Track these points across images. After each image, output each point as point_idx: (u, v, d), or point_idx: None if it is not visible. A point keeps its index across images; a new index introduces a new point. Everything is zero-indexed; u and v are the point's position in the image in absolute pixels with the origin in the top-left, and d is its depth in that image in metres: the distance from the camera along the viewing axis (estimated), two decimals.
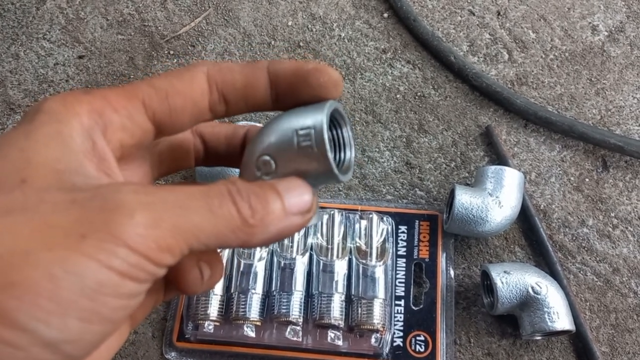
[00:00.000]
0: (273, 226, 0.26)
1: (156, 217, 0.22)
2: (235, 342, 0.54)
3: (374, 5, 0.73)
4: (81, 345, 0.22)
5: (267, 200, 0.26)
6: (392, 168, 0.63)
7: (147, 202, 0.23)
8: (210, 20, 0.73)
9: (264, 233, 0.26)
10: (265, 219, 0.26)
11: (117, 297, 0.22)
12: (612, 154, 0.62)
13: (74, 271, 0.20)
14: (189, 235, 0.24)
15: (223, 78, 0.29)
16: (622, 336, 0.55)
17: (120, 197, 0.22)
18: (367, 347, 0.53)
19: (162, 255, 0.23)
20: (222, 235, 0.25)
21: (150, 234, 0.22)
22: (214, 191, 0.25)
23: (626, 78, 0.67)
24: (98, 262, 0.21)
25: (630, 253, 0.58)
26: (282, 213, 0.27)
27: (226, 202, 0.25)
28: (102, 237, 0.21)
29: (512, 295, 0.51)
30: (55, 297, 0.20)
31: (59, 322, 0.20)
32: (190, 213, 0.24)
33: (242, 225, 0.25)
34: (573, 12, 0.71)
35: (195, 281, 0.30)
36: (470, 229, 0.55)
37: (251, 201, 0.26)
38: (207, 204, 0.24)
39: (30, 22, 0.74)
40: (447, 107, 0.66)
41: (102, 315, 0.22)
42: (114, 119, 0.27)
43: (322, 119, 0.28)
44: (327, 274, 0.55)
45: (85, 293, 0.21)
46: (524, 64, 0.68)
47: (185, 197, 0.24)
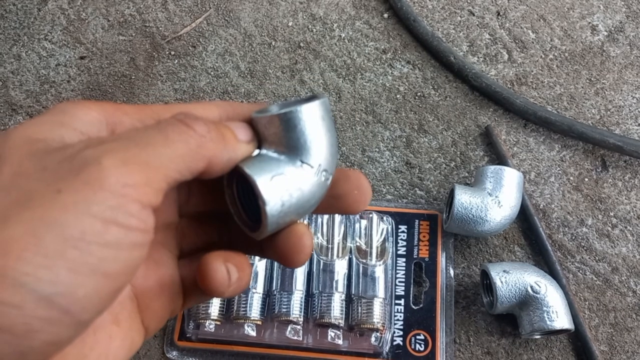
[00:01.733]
0: (230, 145, 0.28)
1: (122, 157, 0.23)
2: (236, 341, 0.55)
3: (374, 6, 0.73)
4: (75, 299, 0.21)
5: (218, 125, 0.29)
6: (392, 168, 0.63)
7: (110, 148, 0.24)
8: (211, 20, 0.73)
9: (223, 151, 0.28)
10: (220, 136, 0.28)
11: (104, 245, 0.22)
12: (612, 153, 0.63)
13: (55, 223, 0.21)
14: (158, 165, 0.24)
15: (233, 110, 0.32)
16: (621, 335, 0.55)
17: (85, 152, 0.23)
18: (367, 346, 0.54)
19: (140, 190, 0.23)
20: (186, 157, 0.26)
21: (121, 172, 0.23)
22: (165, 122, 0.27)
23: (625, 78, 0.67)
24: (77, 211, 0.21)
25: (629, 252, 0.58)
26: (233, 136, 0.29)
27: (180, 127, 0.26)
28: (77, 187, 0.22)
29: (511, 295, 0.51)
30: (41, 250, 0.20)
31: (48, 274, 0.20)
32: (151, 146, 0.25)
33: (201, 140, 0.27)
34: (572, 12, 0.71)
35: (223, 281, 0.29)
36: (469, 228, 0.55)
37: (204, 121, 0.28)
38: (162, 134, 0.26)
39: (32, 23, 0.75)
40: (447, 107, 0.66)
41: (91, 266, 0.22)
42: (124, 120, 0.28)
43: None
44: (327, 273, 0.55)
45: (70, 243, 0.21)
46: (523, 64, 0.68)
47: (142, 134, 0.25)
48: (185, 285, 0.32)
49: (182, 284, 0.32)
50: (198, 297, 0.33)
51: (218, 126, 0.28)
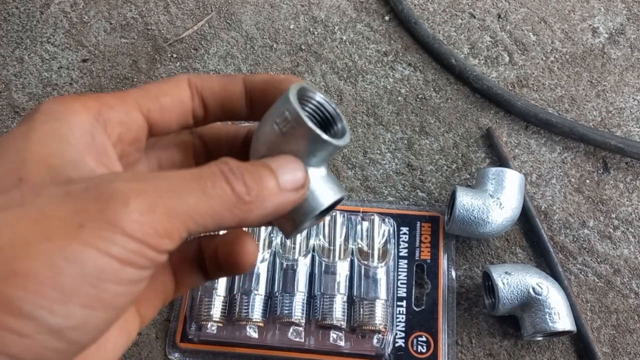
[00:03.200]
0: (269, 202, 0.27)
1: (151, 202, 0.23)
2: (238, 342, 0.55)
3: (375, 9, 0.73)
4: (85, 331, 0.22)
5: (261, 177, 0.27)
6: (393, 170, 0.64)
7: (141, 189, 0.23)
8: (213, 23, 0.74)
9: (260, 209, 0.26)
10: (260, 195, 0.26)
11: (118, 283, 0.22)
12: (613, 155, 0.63)
13: (75, 259, 0.21)
14: (185, 217, 0.24)
15: (203, 84, 0.32)
16: (623, 337, 0.55)
17: (113, 186, 0.23)
18: (369, 348, 0.54)
19: (160, 240, 0.23)
20: (218, 215, 0.25)
21: (146, 220, 0.22)
22: (205, 172, 0.26)
23: (626, 80, 0.67)
24: (97, 250, 0.21)
25: (631, 254, 0.58)
26: (277, 189, 0.27)
27: (219, 182, 0.25)
28: (100, 226, 0.22)
29: (513, 296, 0.52)
30: (57, 285, 0.21)
31: (62, 309, 0.21)
32: (184, 196, 0.24)
33: (238, 202, 0.26)
34: (573, 14, 0.71)
35: (255, 256, 0.31)
36: (471, 230, 0.55)
37: (245, 178, 0.26)
38: (199, 185, 0.25)
39: (35, 26, 0.75)
40: (448, 109, 0.67)
41: (105, 302, 0.22)
42: (112, 115, 0.28)
43: (288, 97, 0.29)
44: (329, 275, 0.55)
45: (87, 280, 0.21)
46: (524, 66, 0.68)
47: (178, 181, 0.25)
48: (176, 272, 0.33)
49: (173, 271, 0.33)
50: (189, 283, 0.34)
51: (261, 177, 0.27)
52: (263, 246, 0.57)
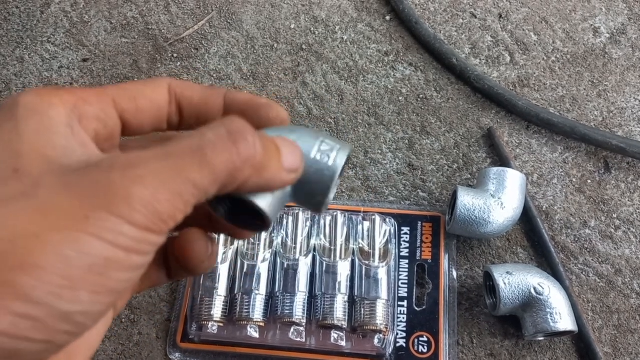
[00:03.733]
0: (267, 173, 0.27)
1: (151, 190, 0.23)
2: (239, 342, 0.55)
3: (376, 8, 0.73)
4: (91, 315, 0.23)
5: (267, 147, 0.27)
6: (394, 170, 0.64)
7: (139, 176, 0.23)
8: (214, 23, 0.74)
9: (257, 178, 0.27)
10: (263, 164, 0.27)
11: (124, 270, 0.23)
12: (614, 155, 0.63)
13: (83, 250, 0.22)
14: (187, 195, 0.24)
15: (183, 92, 0.32)
16: (625, 337, 0.55)
17: (112, 176, 0.23)
18: (370, 348, 0.54)
19: (165, 224, 0.24)
20: (219, 181, 0.25)
21: (149, 209, 0.23)
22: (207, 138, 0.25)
23: (628, 80, 0.67)
24: (104, 241, 0.22)
25: (633, 254, 0.58)
26: (279, 164, 0.28)
27: (223, 144, 0.25)
28: (104, 217, 0.22)
29: (514, 296, 0.51)
30: (67, 275, 0.22)
31: (71, 295, 0.22)
32: (184, 172, 0.24)
33: (242, 165, 0.26)
34: (575, 14, 0.71)
35: (204, 254, 0.31)
36: (472, 230, 0.55)
37: (256, 141, 0.26)
38: (198, 157, 0.25)
39: (35, 26, 0.75)
40: (449, 109, 0.66)
41: (110, 287, 0.23)
42: (87, 110, 0.28)
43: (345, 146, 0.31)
44: (330, 275, 0.55)
45: (94, 270, 0.22)
46: (525, 66, 0.68)
47: (176, 158, 0.24)
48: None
49: None
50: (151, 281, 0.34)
51: (266, 144, 0.27)
52: (264, 246, 0.57)
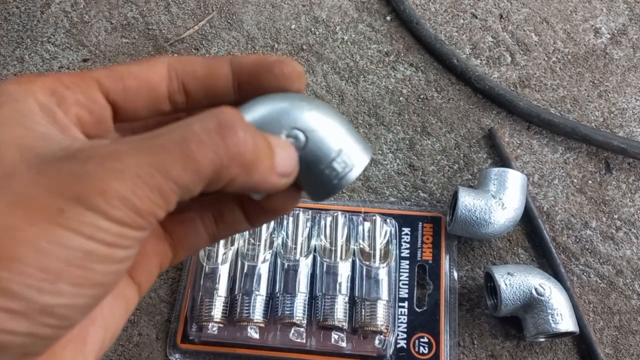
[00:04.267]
0: (257, 174, 0.25)
1: (130, 184, 0.22)
2: (239, 343, 0.54)
3: (376, 9, 0.73)
4: (76, 308, 0.23)
5: (258, 146, 0.25)
6: (395, 170, 0.63)
7: (117, 169, 0.22)
8: (214, 23, 0.74)
9: (244, 178, 0.25)
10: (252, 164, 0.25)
11: (106, 263, 0.23)
12: (615, 156, 0.62)
13: (60, 243, 0.21)
14: (168, 192, 0.23)
15: (183, 68, 0.29)
16: (626, 338, 0.55)
17: (88, 167, 0.22)
18: (371, 349, 0.53)
19: (144, 219, 0.23)
20: (204, 179, 0.24)
21: (127, 204, 0.22)
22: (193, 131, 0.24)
23: (629, 80, 0.67)
24: (82, 235, 0.21)
25: (634, 255, 0.58)
26: (270, 166, 0.26)
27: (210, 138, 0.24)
28: (80, 212, 0.21)
29: (515, 297, 0.51)
30: (44, 268, 0.21)
31: (51, 288, 0.21)
32: (166, 167, 0.23)
33: (229, 162, 0.24)
34: (575, 14, 0.71)
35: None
36: (473, 230, 0.55)
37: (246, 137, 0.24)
38: (183, 151, 0.23)
39: (35, 26, 0.75)
40: (450, 109, 0.66)
41: (94, 280, 0.22)
42: (66, 95, 0.27)
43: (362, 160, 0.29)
44: (330, 275, 0.55)
45: (74, 263, 0.21)
46: (526, 66, 0.68)
47: (158, 151, 0.23)
48: (175, 238, 0.32)
49: (171, 236, 0.32)
50: (189, 246, 0.32)
51: (258, 142, 0.25)
52: (264, 247, 0.57)
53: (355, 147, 0.29)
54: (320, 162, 0.28)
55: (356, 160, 0.29)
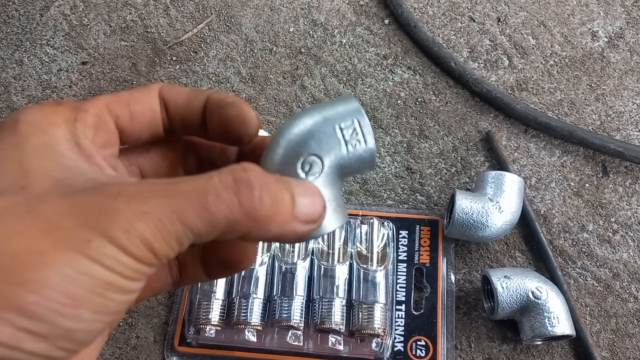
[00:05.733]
0: (275, 227, 0.26)
1: (152, 227, 0.24)
2: (237, 346, 0.55)
3: (374, 12, 0.73)
4: (91, 334, 0.24)
5: (277, 198, 0.26)
6: (393, 173, 0.64)
7: (143, 212, 0.24)
8: (213, 26, 0.74)
9: (262, 231, 0.26)
10: (269, 218, 0.26)
11: (122, 293, 0.24)
12: (612, 159, 0.63)
13: (84, 272, 0.22)
14: (184, 238, 0.25)
15: (169, 95, 0.32)
16: (623, 341, 0.55)
17: (117, 204, 0.24)
18: (368, 352, 0.54)
19: (157, 259, 0.25)
20: (218, 229, 0.25)
21: (146, 245, 0.24)
22: (212, 184, 0.25)
23: (626, 84, 0.67)
24: (105, 267, 0.23)
25: (631, 258, 0.58)
26: (290, 216, 0.26)
27: (226, 194, 0.25)
28: (106, 245, 0.23)
29: (512, 300, 0.51)
30: (68, 293, 0.22)
31: (73, 313, 0.22)
32: (185, 214, 0.24)
33: (243, 219, 0.25)
34: (573, 18, 0.71)
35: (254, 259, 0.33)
36: (470, 233, 0.55)
37: (262, 194, 0.25)
38: (201, 201, 0.24)
39: (34, 29, 0.75)
40: (447, 112, 0.66)
41: (110, 309, 0.24)
42: (87, 119, 0.29)
43: (356, 104, 0.28)
44: (328, 278, 0.55)
45: (95, 291, 0.23)
46: (524, 70, 0.68)
47: (180, 198, 0.24)
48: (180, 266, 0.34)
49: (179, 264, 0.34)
50: (155, 292, 0.34)
51: (278, 194, 0.26)
52: (262, 250, 0.57)
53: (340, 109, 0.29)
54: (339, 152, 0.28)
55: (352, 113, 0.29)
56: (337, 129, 0.28)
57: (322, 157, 0.28)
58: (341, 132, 0.28)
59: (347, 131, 0.28)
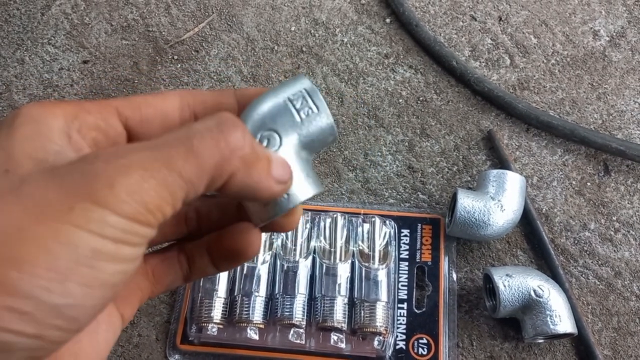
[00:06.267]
0: (256, 175, 0.26)
1: (137, 178, 0.23)
2: (239, 344, 0.55)
3: (376, 11, 0.73)
4: (85, 309, 0.23)
5: (256, 149, 0.27)
6: (394, 172, 0.64)
7: (124, 165, 0.23)
8: (214, 25, 0.74)
9: (245, 176, 0.26)
10: (251, 160, 0.26)
11: (115, 262, 0.23)
12: (614, 158, 0.63)
13: (69, 242, 0.21)
14: (175, 187, 0.24)
15: (194, 98, 0.32)
16: (624, 339, 0.55)
17: (96, 166, 0.23)
18: (370, 350, 0.54)
19: (152, 215, 0.23)
20: (206, 173, 0.25)
21: (135, 198, 0.23)
22: (196, 128, 0.25)
23: (627, 83, 0.67)
24: (90, 232, 0.22)
25: (632, 257, 0.58)
26: (267, 170, 0.27)
27: (210, 133, 0.25)
28: (89, 208, 0.22)
29: (514, 299, 0.51)
30: (53, 267, 0.21)
31: (60, 288, 0.21)
32: (170, 162, 0.24)
33: (229, 154, 0.25)
34: (574, 17, 0.71)
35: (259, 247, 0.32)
36: (472, 232, 0.55)
37: (245, 134, 0.26)
38: (185, 145, 0.24)
39: (36, 28, 0.75)
40: (449, 111, 0.67)
41: (102, 280, 0.23)
42: (87, 119, 0.28)
43: (306, 81, 0.30)
44: (330, 277, 0.55)
45: (82, 261, 0.22)
46: (525, 68, 0.68)
47: (162, 147, 0.24)
48: (155, 275, 0.34)
49: (152, 273, 0.34)
50: (167, 283, 0.34)
51: (256, 146, 0.27)
52: (264, 248, 0.57)
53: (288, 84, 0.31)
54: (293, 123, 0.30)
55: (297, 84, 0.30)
56: (287, 102, 0.30)
57: (278, 130, 0.29)
58: (291, 104, 0.30)
59: (296, 102, 0.30)
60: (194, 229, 0.36)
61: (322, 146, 0.31)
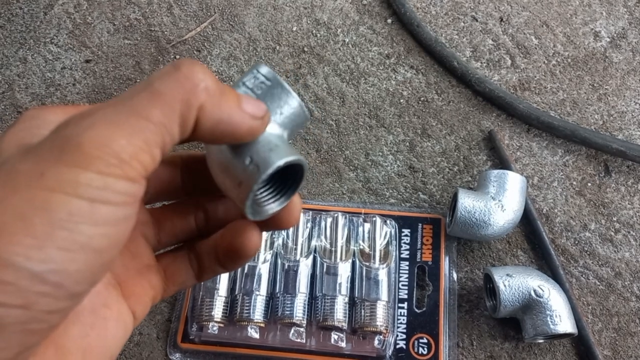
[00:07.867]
0: (225, 109, 0.26)
1: (105, 133, 0.22)
2: (239, 343, 0.55)
3: (377, 11, 0.74)
4: (69, 275, 0.22)
5: (222, 85, 0.26)
6: (395, 172, 0.64)
7: (90, 122, 0.23)
8: (216, 25, 0.74)
9: (215, 110, 0.26)
10: (218, 90, 0.26)
11: (93, 224, 0.22)
12: (614, 158, 0.63)
13: (42, 207, 0.21)
14: (147, 132, 0.23)
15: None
16: (625, 340, 0.55)
17: (65, 131, 0.23)
18: (370, 349, 0.54)
19: (128, 166, 0.23)
20: (174, 112, 0.24)
21: (105, 151, 0.22)
22: (156, 72, 0.25)
23: (628, 84, 0.67)
24: (64, 194, 0.21)
25: (633, 257, 0.58)
26: (236, 105, 0.26)
27: (170, 71, 0.25)
28: (60, 170, 0.22)
29: (514, 299, 0.52)
30: (29, 233, 0.21)
31: (39, 254, 0.21)
32: (135, 107, 0.23)
33: (192, 88, 0.25)
34: (575, 18, 0.72)
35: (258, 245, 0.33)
36: (473, 232, 0.55)
37: (206, 71, 0.26)
38: (147, 88, 0.24)
39: (38, 27, 0.75)
40: (450, 111, 0.67)
41: (81, 244, 0.22)
42: None
43: (259, 65, 0.31)
44: (330, 276, 0.55)
45: (58, 225, 0.21)
46: (526, 69, 0.69)
47: (127, 96, 0.24)
48: (167, 274, 0.34)
49: (164, 272, 0.34)
50: (179, 282, 0.35)
51: (219, 83, 0.26)
52: (265, 247, 0.57)
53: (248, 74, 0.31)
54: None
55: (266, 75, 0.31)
56: (241, 84, 0.31)
57: None
58: (245, 85, 0.30)
59: (249, 82, 0.31)
60: (203, 228, 0.36)
61: (293, 118, 0.31)
